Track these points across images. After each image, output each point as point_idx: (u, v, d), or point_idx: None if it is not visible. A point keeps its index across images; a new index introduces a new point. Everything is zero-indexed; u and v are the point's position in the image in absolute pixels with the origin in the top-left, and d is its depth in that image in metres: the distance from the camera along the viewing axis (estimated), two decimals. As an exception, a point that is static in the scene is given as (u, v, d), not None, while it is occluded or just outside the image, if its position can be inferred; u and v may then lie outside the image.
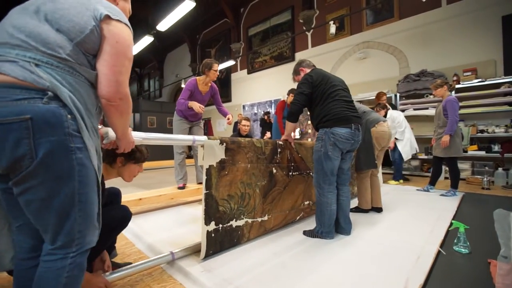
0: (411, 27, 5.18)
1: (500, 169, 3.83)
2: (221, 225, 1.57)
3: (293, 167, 2.14)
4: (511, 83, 3.93)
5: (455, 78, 4.38)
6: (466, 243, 1.61)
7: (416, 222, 2.17)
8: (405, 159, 4.01)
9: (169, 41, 11.68)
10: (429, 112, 4.55)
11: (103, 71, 0.80)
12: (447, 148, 3.07)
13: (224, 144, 1.60)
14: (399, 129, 3.90)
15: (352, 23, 6.13)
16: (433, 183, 3.39)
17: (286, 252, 1.62)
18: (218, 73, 3.02)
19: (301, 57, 6.79)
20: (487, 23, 4.36)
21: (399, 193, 3.34)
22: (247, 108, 8.86)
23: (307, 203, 2.30)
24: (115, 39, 0.80)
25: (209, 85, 3.11)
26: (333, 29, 5.28)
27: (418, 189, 3.48)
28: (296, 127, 2.03)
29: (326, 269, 1.41)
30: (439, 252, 1.58)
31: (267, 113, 6.46)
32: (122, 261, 1.51)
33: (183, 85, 8.86)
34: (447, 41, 4.76)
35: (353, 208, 2.38)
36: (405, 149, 3.94)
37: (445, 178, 4.20)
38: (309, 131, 3.96)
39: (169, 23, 5.64)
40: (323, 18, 6.55)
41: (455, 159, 3.16)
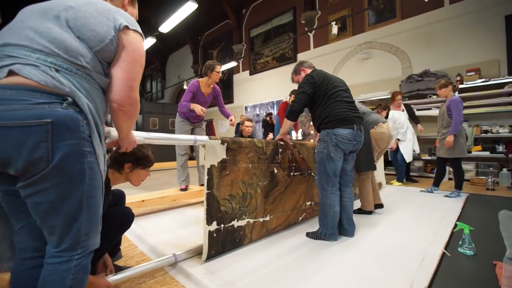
0: (414, 27, 5.16)
1: (504, 170, 3.80)
2: (222, 225, 1.57)
3: (295, 167, 2.14)
4: (515, 83, 3.90)
5: (458, 78, 4.35)
6: (471, 245, 1.59)
7: (420, 223, 2.15)
8: (408, 161, 3.97)
9: (171, 43, 11.74)
10: (432, 112, 4.52)
11: (118, 77, 0.83)
12: (451, 148, 3.05)
13: (225, 144, 1.60)
14: (401, 129, 3.88)
15: (354, 24, 6.11)
16: (437, 184, 3.36)
17: (289, 254, 1.61)
18: (220, 75, 3.02)
19: (303, 58, 6.80)
20: (490, 23, 4.33)
21: (402, 194, 3.31)
22: (249, 109, 8.87)
23: (309, 203, 2.29)
24: (131, 47, 0.85)
25: (212, 86, 3.12)
26: (335, 29, 5.28)
27: (421, 190, 3.46)
28: (292, 126, 2.02)
29: (329, 271, 1.40)
30: (443, 254, 1.57)
31: (269, 114, 6.47)
32: (124, 263, 1.51)
33: (185, 87, 8.90)
34: (450, 41, 4.73)
35: (356, 209, 2.36)
36: (406, 150, 3.91)
37: (449, 179, 4.17)
38: (312, 132, 3.95)
39: (172, 25, 5.66)
40: (325, 19, 6.54)
41: (459, 160, 3.13)
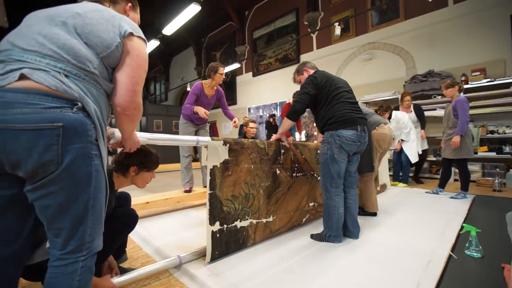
0: (418, 27, 5.13)
1: (511, 171, 3.75)
2: (225, 225, 1.58)
3: (297, 168, 2.13)
4: (522, 82, 3.85)
5: (463, 78, 4.31)
6: (478, 247, 1.57)
7: (425, 225, 2.13)
8: (413, 161, 3.93)
9: (175, 45, 11.82)
10: (437, 113, 4.48)
11: (123, 81, 0.86)
12: (457, 149, 3.01)
13: (227, 145, 1.61)
14: (404, 130, 3.85)
15: (357, 24, 6.10)
16: (443, 185, 3.33)
17: (293, 256, 1.61)
18: (224, 77, 3.03)
19: (306, 59, 6.78)
20: (495, 22, 4.28)
21: (407, 196, 3.29)
22: (252, 110, 8.88)
23: (312, 204, 2.29)
24: (136, 53, 0.88)
25: (215, 88, 3.13)
26: (338, 30, 5.26)
27: (427, 192, 3.42)
28: (291, 126, 2.01)
29: (334, 273, 1.39)
30: (450, 256, 1.55)
31: (273, 116, 6.46)
32: (129, 265, 1.52)
33: (188, 89, 8.94)
34: (455, 40, 4.70)
35: (359, 211, 2.34)
36: (411, 151, 3.88)
37: (455, 180, 4.12)
38: (315, 133, 3.94)
39: (175, 27, 5.70)
40: (328, 19, 6.54)
41: (465, 161, 3.09)
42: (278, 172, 1.95)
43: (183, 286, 1.33)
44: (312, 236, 1.90)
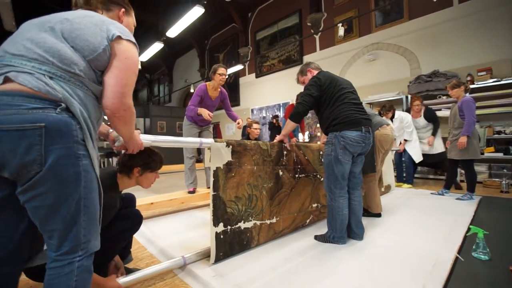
0: (422, 27, 5.10)
1: (519, 172, 3.69)
2: (229, 227, 1.58)
3: (300, 169, 2.13)
4: (529, 82, 3.80)
5: (469, 78, 4.26)
6: (485, 249, 1.54)
7: (431, 226, 2.10)
8: (417, 161, 3.89)
9: (178, 47, 11.90)
10: (442, 113, 4.42)
11: (110, 84, 0.86)
12: (464, 150, 2.97)
13: (230, 146, 1.62)
14: (407, 129, 3.83)
15: (360, 25, 6.08)
16: (448, 186, 3.29)
17: (297, 257, 1.60)
18: (224, 77, 3.01)
19: (310, 60, 6.76)
20: (501, 21, 4.24)
21: (412, 197, 3.26)
22: (255, 112, 8.89)
23: (315, 205, 2.28)
24: (124, 55, 0.87)
25: (219, 90, 3.14)
26: (341, 31, 5.25)
27: (432, 193, 3.39)
28: (294, 127, 2.00)
29: (338, 274, 1.38)
30: (456, 258, 1.53)
31: (276, 117, 6.46)
32: (134, 266, 1.53)
33: (192, 90, 8.99)
34: (460, 40, 4.65)
35: (364, 213, 2.33)
36: (414, 150, 3.85)
37: (460, 181, 4.07)
38: (318, 134, 3.93)
39: (178, 30, 5.73)
40: (331, 20, 6.53)
41: (471, 162, 3.06)
42: (281, 173, 1.95)
43: (188, 286, 1.33)
44: (316, 237, 1.90)
